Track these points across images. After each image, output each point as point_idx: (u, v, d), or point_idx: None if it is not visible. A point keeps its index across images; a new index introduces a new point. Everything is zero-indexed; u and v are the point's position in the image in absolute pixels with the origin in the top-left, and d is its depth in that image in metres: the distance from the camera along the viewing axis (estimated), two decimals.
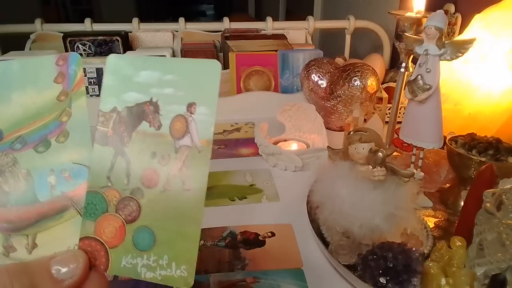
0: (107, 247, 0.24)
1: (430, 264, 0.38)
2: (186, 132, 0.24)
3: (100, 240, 0.24)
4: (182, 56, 0.96)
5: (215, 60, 0.24)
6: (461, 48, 0.46)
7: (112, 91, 0.25)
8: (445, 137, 0.53)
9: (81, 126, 0.25)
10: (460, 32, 0.86)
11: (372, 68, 0.72)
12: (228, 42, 0.92)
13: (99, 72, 0.85)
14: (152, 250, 0.24)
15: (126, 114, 0.25)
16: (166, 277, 0.23)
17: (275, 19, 1.06)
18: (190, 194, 0.23)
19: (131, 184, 0.24)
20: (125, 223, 0.24)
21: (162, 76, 0.24)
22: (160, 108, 0.24)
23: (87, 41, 0.93)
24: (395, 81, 0.77)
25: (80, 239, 0.24)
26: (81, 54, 0.92)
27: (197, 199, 0.23)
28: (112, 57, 0.25)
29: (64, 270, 0.22)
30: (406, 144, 0.60)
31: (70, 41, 0.92)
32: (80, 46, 0.93)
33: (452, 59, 0.47)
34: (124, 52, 0.94)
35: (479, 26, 0.67)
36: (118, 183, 0.24)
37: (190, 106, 0.24)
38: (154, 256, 0.24)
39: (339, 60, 0.84)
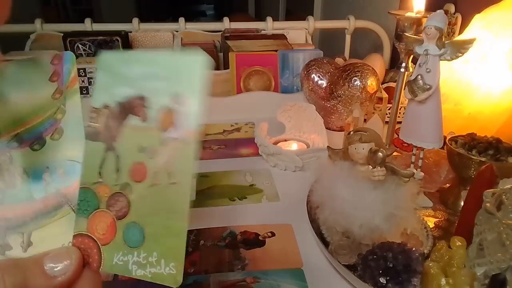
0: (99, 244, 0.24)
1: (430, 264, 0.38)
2: (173, 124, 0.23)
3: (93, 237, 0.24)
4: None
5: (201, 50, 0.24)
6: (461, 48, 0.46)
7: (102, 87, 0.25)
8: (445, 137, 0.53)
9: (75, 123, 0.25)
10: (460, 32, 0.86)
11: (372, 68, 0.72)
12: (228, 42, 0.92)
13: None
14: (142, 246, 0.23)
15: (116, 109, 0.24)
16: (155, 274, 0.23)
17: (275, 19, 1.06)
18: (177, 187, 0.23)
19: (121, 180, 0.24)
20: (115, 219, 0.24)
21: (149, 69, 0.24)
22: (148, 101, 0.24)
23: (87, 41, 0.93)
24: (395, 81, 0.77)
25: (74, 236, 0.24)
26: (81, 54, 0.93)
27: (183, 192, 0.23)
28: (102, 53, 0.25)
29: (57, 266, 0.22)
30: (406, 144, 0.60)
31: (70, 41, 0.92)
32: (80, 46, 0.93)
33: (452, 59, 0.47)
34: None
35: (479, 26, 0.67)
36: (109, 179, 0.24)
37: (177, 98, 0.23)
38: (144, 253, 0.23)
39: (339, 60, 0.84)
